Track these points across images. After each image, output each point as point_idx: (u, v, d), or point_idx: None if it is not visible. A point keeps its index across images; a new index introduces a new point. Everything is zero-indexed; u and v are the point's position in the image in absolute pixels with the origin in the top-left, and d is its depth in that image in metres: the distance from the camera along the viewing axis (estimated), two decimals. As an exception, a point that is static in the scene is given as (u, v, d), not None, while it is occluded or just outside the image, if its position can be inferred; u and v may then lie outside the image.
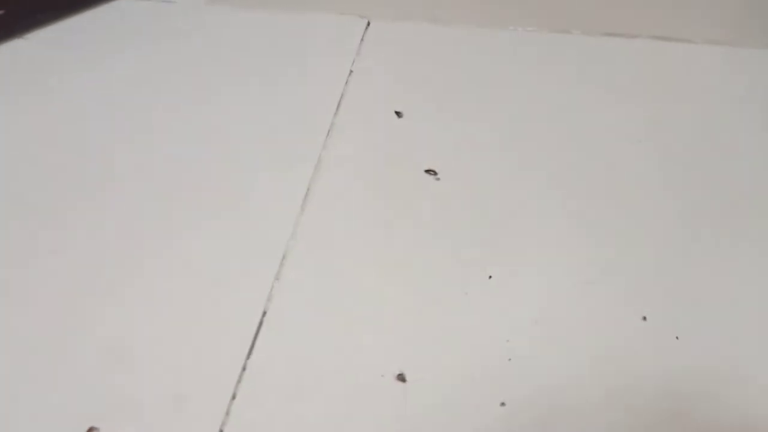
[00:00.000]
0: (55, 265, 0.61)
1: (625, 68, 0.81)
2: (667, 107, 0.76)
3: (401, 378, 0.52)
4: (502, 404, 0.51)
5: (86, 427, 0.50)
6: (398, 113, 0.75)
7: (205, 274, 0.60)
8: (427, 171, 0.68)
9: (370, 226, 0.64)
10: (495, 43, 0.85)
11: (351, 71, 0.81)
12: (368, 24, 0.88)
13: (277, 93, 0.78)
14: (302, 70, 0.81)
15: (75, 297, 0.59)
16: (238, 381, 0.53)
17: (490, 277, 0.59)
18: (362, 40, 0.85)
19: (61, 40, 0.88)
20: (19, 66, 0.85)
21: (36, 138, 0.75)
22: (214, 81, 0.81)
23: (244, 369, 0.54)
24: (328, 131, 0.73)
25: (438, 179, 0.68)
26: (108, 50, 0.87)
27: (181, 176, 0.69)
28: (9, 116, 0.78)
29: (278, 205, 0.66)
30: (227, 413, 0.51)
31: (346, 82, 0.79)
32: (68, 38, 0.88)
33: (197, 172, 0.70)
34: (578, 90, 0.78)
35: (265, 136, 0.73)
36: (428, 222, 0.64)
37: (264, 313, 0.57)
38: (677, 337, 0.55)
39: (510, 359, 0.54)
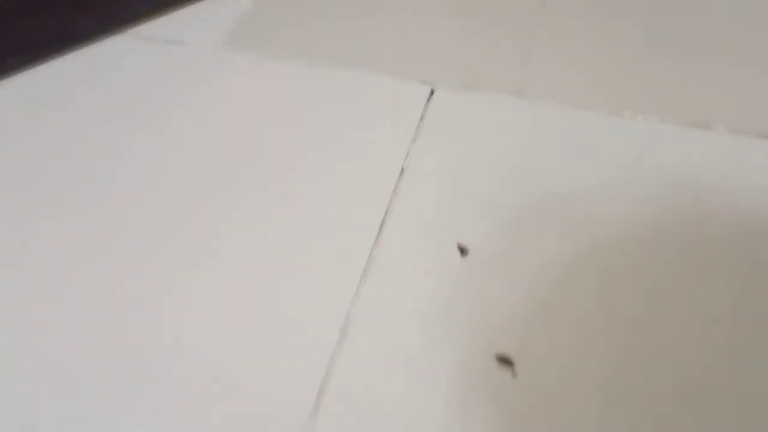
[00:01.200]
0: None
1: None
2: None
3: None
4: None
5: None
6: (462, 249, 0.54)
7: None
8: (501, 359, 0.47)
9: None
10: (605, 135, 0.61)
11: (403, 170, 0.59)
12: (432, 93, 0.65)
13: (299, 202, 0.58)
14: (338, 165, 0.60)
15: None
16: None
17: None
18: (422, 117, 0.63)
19: (43, 87, 0.69)
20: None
21: (21, 206, 0.59)
22: (218, 154, 0.62)
23: None
24: (363, 272, 0.53)
25: (515, 376, 0.47)
26: (101, 101, 0.67)
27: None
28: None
29: (289, 397, 0.46)
30: None
31: (395, 189, 0.58)
32: (52, 85, 0.69)
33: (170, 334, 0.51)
34: (730, 218, 0.55)
35: (277, 281, 0.53)
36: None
37: None
38: None
39: None
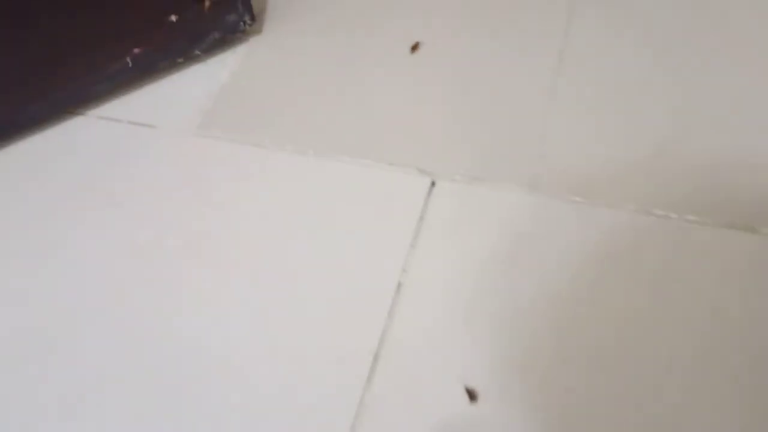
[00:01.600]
0: None
1: None
2: None
3: None
4: None
5: None
6: (471, 393, 0.45)
7: None
8: None
9: None
10: (633, 237, 0.53)
11: (400, 285, 0.51)
12: (432, 185, 0.57)
13: (278, 335, 0.50)
14: (325, 283, 0.52)
15: None
16: None
17: None
18: (421, 217, 0.55)
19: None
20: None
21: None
22: (188, 259, 0.55)
23: None
24: (353, 423, 0.44)
25: None
26: (54, 193, 0.60)
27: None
28: None
29: None
30: None
31: (390, 311, 0.50)
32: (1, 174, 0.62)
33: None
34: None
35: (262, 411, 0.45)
36: None
37: None
38: None
39: None
